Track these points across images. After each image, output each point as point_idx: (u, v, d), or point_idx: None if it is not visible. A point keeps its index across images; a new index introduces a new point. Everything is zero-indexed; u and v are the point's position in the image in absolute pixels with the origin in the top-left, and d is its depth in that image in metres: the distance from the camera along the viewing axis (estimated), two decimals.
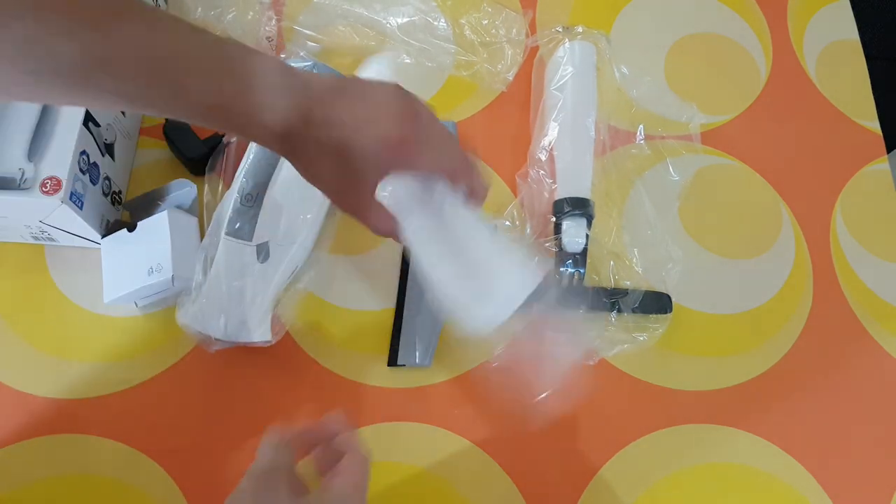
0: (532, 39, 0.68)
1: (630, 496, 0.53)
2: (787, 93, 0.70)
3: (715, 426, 0.55)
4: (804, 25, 0.74)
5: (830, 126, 0.69)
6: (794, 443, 0.55)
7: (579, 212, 0.57)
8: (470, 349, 0.55)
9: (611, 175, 0.62)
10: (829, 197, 0.65)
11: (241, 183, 0.51)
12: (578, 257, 0.57)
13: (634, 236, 0.61)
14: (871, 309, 0.61)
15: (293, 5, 0.68)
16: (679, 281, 0.59)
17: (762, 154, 0.66)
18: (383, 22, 0.68)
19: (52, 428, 0.51)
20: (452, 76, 0.67)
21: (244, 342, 0.51)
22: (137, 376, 0.53)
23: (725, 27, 0.73)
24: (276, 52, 0.65)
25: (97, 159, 0.53)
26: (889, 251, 0.63)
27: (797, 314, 0.60)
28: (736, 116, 0.68)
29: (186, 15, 0.67)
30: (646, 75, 0.69)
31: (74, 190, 0.50)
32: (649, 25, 0.72)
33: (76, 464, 0.51)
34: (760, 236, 0.63)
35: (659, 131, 0.66)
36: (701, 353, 0.58)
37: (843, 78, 0.71)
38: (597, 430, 0.55)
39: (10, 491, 0.50)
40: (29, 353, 0.54)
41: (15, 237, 0.56)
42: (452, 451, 0.53)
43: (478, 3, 0.69)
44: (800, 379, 0.58)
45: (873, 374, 0.58)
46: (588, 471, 0.53)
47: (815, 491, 0.54)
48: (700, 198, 0.64)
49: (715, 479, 0.54)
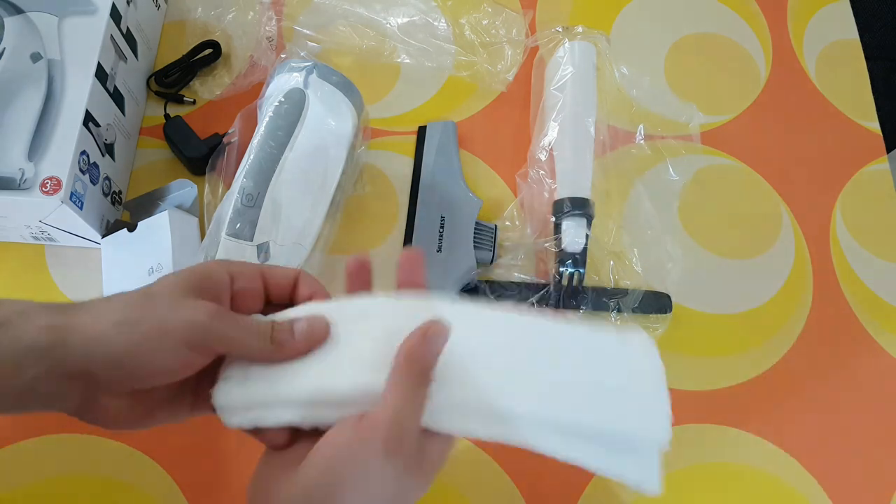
0: (532, 39, 0.68)
1: (630, 496, 0.53)
2: (787, 93, 0.70)
3: (715, 426, 0.55)
4: (804, 25, 0.74)
5: (830, 126, 0.69)
6: (794, 442, 0.55)
7: (579, 212, 0.57)
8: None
9: (611, 175, 0.62)
10: (829, 197, 0.65)
11: (241, 183, 0.51)
12: (578, 257, 0.57)
13: (634, 236, 0.61)
14: (870, 309, 0.61)
15: (293, 5, 0.68)
16: (679, 281, 0.59)
17: (762, 154, 0.66)
18: (383, 22, 0.68)
19: (52, 428, 0.51)
20: (452, 76, 0.67)
21: None
22: None
23: (725, 27, 0.73)
24: (276, 52, 0.65)
25: (97, 159, 0.53)
26: (889, 251, 0.63)
27: (797, 314, 0.60)
28: (736, 116, 0.68)
29: (186, 15, 0.67)
30: (646, 75, 0.69)
31: (74, 190, 0.50)
32: (649, 25, 0.72)
33: (76, 464, 0.51)
34: (760, 236, 0.63)
35: (659, 131, 0.66)
36: (701, 353, 0.58)
37: (843, 78, 0.71)
38: None
39: (10, 491, 0.50)
40: None
41: (15, 237, 0.56)
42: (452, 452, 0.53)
43: (478, 4, 0.69)
44: (800, 379, 0.58)
45: (873, 374, 0.58)
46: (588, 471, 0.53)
47: (815, 491, 0.54)
48: (700, 198, 0.64)
49: (715, 479, 0.54)
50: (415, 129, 0.64)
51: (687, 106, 0.67)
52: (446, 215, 0.58)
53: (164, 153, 0.61)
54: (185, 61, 0.64)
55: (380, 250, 0.59)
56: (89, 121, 0.52)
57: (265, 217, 0.51)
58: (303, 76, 0.55)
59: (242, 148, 0.56)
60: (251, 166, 0.52)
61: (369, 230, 0.60)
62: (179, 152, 0.60)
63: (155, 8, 0.66)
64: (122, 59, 0.58)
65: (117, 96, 0.57)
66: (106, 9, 0.55)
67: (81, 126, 0.51)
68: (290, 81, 0.55)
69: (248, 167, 0.52)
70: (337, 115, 0.56)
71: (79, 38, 0.54)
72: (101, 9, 0.55)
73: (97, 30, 0.54)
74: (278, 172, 0.52)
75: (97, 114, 0.53)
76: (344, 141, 0.57)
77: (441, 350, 0.31)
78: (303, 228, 0.54)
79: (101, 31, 0.54)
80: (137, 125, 0.62)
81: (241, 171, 0.52)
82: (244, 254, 0.50)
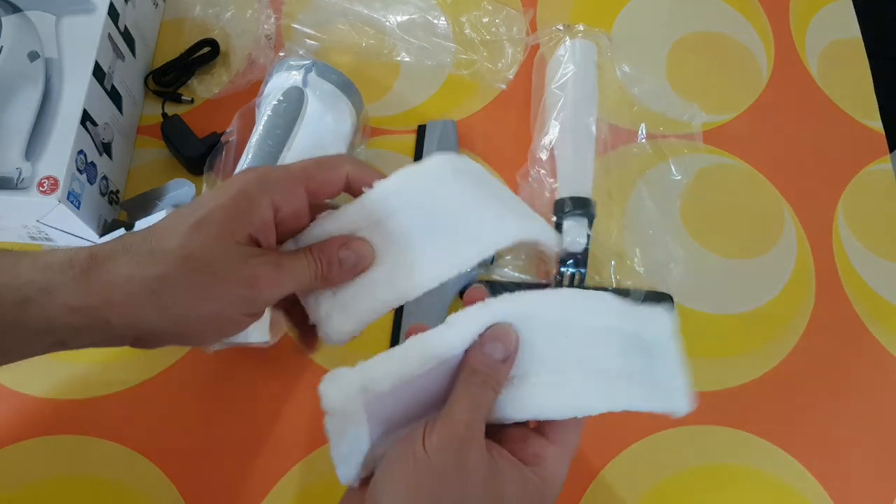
0: (533, 38, 0.68)
1: (632, 497, 0.52)
2: (789, 92, 0.69)
3: (716, 427, 0.55)
4: (806, 24, 0.73)
5: (833, 125, 0.68)
6: (796, 443, 0.55)
7: (580, 211, 0.57)
8: None
9: (612, 174, 0.62)
10: (832, 196, 0.65)
11: None
12: (580, 257, 0.57)
13: (636, 236, 0.60)
14: (873, 309, 0.60)
15: (292, 3, 0.68)
16: (681, 281, 0.59)
17: (764, 153, 0.66)
18: (383, 20, 0.67)
19: (50, 429, 0.51)
20: (452, 75, 0.67)
21: (243, 343, 0.50)
22: (135, 377, 0.53)
23: (727, 25, 0.72)
24: (275, 50, 0.65)
25: (95, 159, 0.53)
26: (892, 251, 0.63)
27: (799, 314, 0.60)
28: (738, 115, 0.68)
29: (184, 13, 0.67)
30: (647, 74, 0.69)
31: (72, 189, 0.49)
32: (651, 24, 0.72)
33: (74, 465, 0.50)
34: (762, 236, 0.63)
35: (661, 130, 0.66)
36: (702, 354, 0.58)
37: (846, 77, 0.71)
38: (598, 431, 0.54)
39: (9, 491, 0.49)
40: None
41: (12, 237, 0.55)
42: None
43: (478, 2, 0.69)
44: (802, 379, 0.57)
45: (876, 375, 0.58)
46: (589, 472, 0.53)
47: (817, 492, 0.54)
48: (702, 197, 0.63)
49: (716, 480, 0.54)
50: (414, 128, 0.64)
51: (689, 105, 0.67)
52: None
53: (161, 152, 0.61)
54: (183, 60, 0.64)
55: None
56: (87, 120, 0.52)
57: None
58: (301, 75, 0.55)
59: (241, 147, 0.56)
60: (249, 165, 0.52)
61: None
62: (177, 151, 0.59)
63: (153, 6, 0.65)
64: (120, 57, 0.58)
65: (115, 95, 0.57)
66: (104, 7, 0.55)
67: (79, 125, 0.51)
68: (289, 80, 0.55)
69: (247, 166, 0.52)
70: (336, 114, 0.56)
71: (76, 37, 0.53)
72: (99, 7, 0.55)
73: (95, 28, 0.54)
74: None
75: (95, 113, 0.53)
76: (343, 140, 0.57)
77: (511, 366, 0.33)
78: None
79: (98, 29, 0.54)
80: (135, 124, 0.62)
81: (240, 170, 0.52)
82: None
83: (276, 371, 0.54)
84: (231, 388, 0.53)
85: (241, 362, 0.54)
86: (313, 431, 0.52)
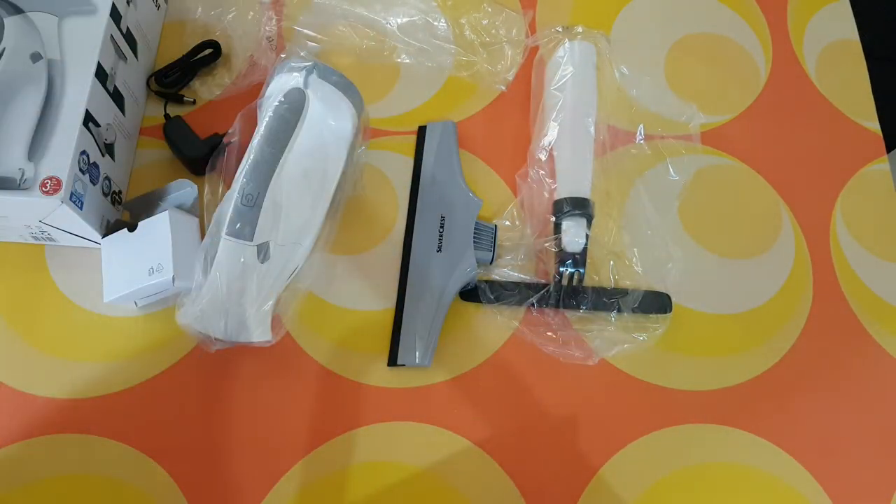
0: (532, 39, 0.68)
1: (630, 496, 0.53)
2: (787, 93, 0.70)
3: (715, 426, 0.55)
4: (804, 25, 0.74)
5: (830, 126, 0.69)
6: (794, 443, 0.55)
7: (579, 212, 0.57)
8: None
9: (611, 175, 0.62)
10: (829, 197, 0.65)
11: (241, 183, 0.51)
12: (578, 257, 0.57)
13: (634, 236, 0.61)
14: (870, 309, 0.61)
15: (293, 5, 0.68)
16: (679, 281, 0.59)
17: (762, 154, 0.66)
18: (383, 22, 0.68)
19: (52, 428, 0.51)
20: (452, 76, 0.67)
21: (244, 342, 0.51)
22: (137, 376, 0.53)
23: (725, 27, 0.73)
24: (276, 52, 0.65)
25: (97, 159, 0.53)
26: (889, 251, 0.63)
27: (797, 314, 0.60)
28: (736, 116, 0.68)
29: (186, 15, 0.67)
30: (646, 75, 0.69)
31: (74, 190, 0.50)
32: (649, 25, 0.72)
33: (76, 464, 0.51)
34: (760, 236, 0.63)
35: (659, 131, 0.66)
36: (701, 353, 0.58)
37: (843, 78, 0.71)
38: (596, 430, 0.55)
39: (10, 491, 0.50)
40: (29, 352, 0.54)
41: (15, 237, 0.56)
42: (452, 451, 0.53)
43: (478, 4, 0.69)
44: (800, 379, 0.58)
45: (873, 374, 0.58)
46: (588, 471, 0.53)
47: (815, 491, 0.54)
48: (700, 198, 0.64)
49: (715, 479, 0.54)
50: (415, 129, 0.64)
51: (687, 106, 0.67)
52: (446, 215, 0.58)
53: (164, 153, 0.61)
54: (185, 61, 0.64)
55: (379, 250, 0.59)
56: (89, 121, 0.52)
57: (265, 217, 0.51)
58: (303, 76, 0.55)
59: (242, 148, 0.56)
60: (251, 166, 0.52)
61: (369, 230, 0.60)
62: (179, 152, 0.60)
63: (155, 8, 0.66)
64: (122, 58, 0.58)
65: (117, 96, 0.57)
66: (106, 9, 0.55)
67: (81, 126, 0.51)
68: (290, 81, 0.55)
69: (248, 167, 0.52)
70: (337, 115, 0.56)
71: (79, 38, 0.54)
72: (101, 9, 0.55)
73: (97, 30, 0.54)
74: (278, 172, 0.52)
75: (97, 114, 0.53)
76: (344, 141, 0.57)
77: None
78: (302, 228, 0.54)
79: (101, 30, 0.54)
80: (137, 125, 0.62)
81: (241, 171, 0.52)
82: (244, 254, 0.50)
83: (276, 369, 0.54)
84: (232, 386, 0.53)
85: (243, 361, 0.54)
86: (313, 431, 0.53)
